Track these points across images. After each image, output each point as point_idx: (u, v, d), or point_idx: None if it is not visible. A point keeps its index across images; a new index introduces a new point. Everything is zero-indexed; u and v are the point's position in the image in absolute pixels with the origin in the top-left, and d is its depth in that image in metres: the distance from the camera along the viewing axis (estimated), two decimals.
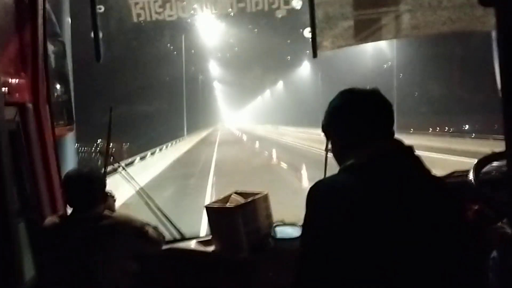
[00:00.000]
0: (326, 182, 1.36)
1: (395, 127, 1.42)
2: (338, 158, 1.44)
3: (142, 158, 16.54)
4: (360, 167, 1.31)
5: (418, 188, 1.30)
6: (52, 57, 2.65)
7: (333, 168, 1.46)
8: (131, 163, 14.86)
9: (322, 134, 1.49)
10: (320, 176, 1.59)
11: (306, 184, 12.59)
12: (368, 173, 1.29)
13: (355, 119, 1.37)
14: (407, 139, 1.39)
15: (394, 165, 1.31)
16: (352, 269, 1.22)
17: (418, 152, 1.35)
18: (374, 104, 1.39)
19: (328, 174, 1.52)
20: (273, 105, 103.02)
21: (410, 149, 1.35)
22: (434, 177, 1.37)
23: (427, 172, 1.36)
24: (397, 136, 1.38)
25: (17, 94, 2.28)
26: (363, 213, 1.22)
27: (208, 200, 10.31)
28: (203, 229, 7.29)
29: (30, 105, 2.38)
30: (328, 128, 1.46)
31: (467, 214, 2.09)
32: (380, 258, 1.21)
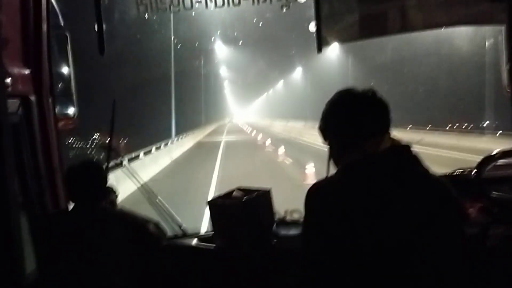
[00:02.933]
0: (322, 184, 1.39)
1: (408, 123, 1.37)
2: (335, 158, 1.46)
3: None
4: (355, 166, 1.34)
5: (414, 186, 1.31)
6: (55, 50, 2.64)
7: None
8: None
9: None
10: None
11: None
12: (363, 172, 1.31)
13: (353, 119, 1.39)
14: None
15: (389, 164, 1.32)
16: (351, 268, 1.24)
17: None
18: (371, 104, 1.40)
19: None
20: (296, 95, 79.10)
21: (407, 147, 1.37)
22: (432, 175, 1.38)
23: (424, 170, 1.36)
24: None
25: (20, 86, 2.27)
26: (358, 212, 1.25)
27: None
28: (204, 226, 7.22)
29: (33, 98, 2.37)
30: (325, 128, 1.47)
31: (471, 211, 2.08)
32: (377, 257, 1.22)
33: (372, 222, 1.23)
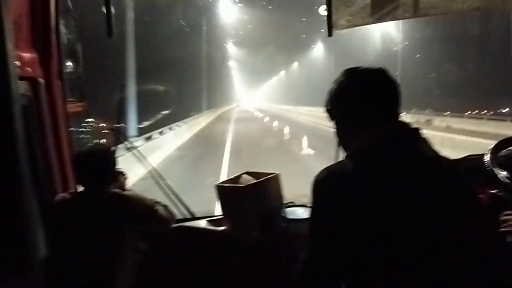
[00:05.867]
0: (332, 169, 1.34)
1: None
2: (342, 140, 1.43)
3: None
4: (364, 151, 1.30)
5: (424, 170, 1.28)
6: (64, 33, 2.63)
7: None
8: None
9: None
10: None
11: None
12: (373, 157, 1.28)
13: (360, 99, 1.34)
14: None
15: (399, 149, 1.29)
16: (361, 253, 1.22)
17: None
18: (379, 83, 1.34)
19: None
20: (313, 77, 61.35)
21: (416, 131, 1.33)
22: (443, 159, 1.35)
23: (434, 154, 1.33)
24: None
25: (29, 68, 2.27)
26: (367, 197, 1.22)
27: None
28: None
29: (42, 80, 2.37)
30: (332, 108, 1.43)
31: (482, 198, 2.05)
32: (385, 240, 1.20)
33: (382, 208, 1.21)
